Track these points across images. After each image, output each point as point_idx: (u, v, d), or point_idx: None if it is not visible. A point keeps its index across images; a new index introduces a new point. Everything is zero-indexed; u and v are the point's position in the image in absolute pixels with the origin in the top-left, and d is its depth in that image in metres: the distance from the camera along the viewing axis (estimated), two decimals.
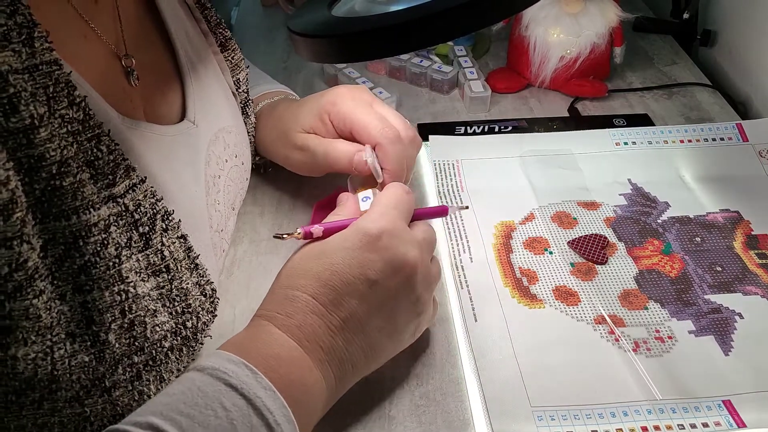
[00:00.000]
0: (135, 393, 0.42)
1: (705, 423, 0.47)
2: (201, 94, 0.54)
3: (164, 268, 0.43)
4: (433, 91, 0.84)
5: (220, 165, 0.54)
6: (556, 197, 0.66)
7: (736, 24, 0.84)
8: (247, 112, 0.64)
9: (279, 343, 0.41)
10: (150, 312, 0.42)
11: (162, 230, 0.43)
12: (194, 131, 0.51)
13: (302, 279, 0.43)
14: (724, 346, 0.52)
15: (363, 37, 0.42)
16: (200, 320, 0.47)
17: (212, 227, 0.52)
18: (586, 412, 0.48)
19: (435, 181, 0.69)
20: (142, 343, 0.42)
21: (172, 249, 0.44)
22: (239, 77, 0.62)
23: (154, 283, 0.43)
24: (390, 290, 0.44)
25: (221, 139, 0.55)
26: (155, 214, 0.43)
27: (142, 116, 0.48)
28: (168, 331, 0.44)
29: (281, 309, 0.42)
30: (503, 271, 0.59)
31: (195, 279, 0.47)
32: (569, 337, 0.53)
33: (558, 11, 0.75)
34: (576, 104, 0.80)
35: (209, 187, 0.52)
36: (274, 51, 0.95)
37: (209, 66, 0.58)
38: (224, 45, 0.60)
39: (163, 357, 0.44)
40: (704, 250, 0.60)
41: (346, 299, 0.43)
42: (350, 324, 0.43)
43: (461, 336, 0.54)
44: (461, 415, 0.49)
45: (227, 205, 0.56)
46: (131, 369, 0.42)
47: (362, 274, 0.43)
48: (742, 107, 0.82)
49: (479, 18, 0.41)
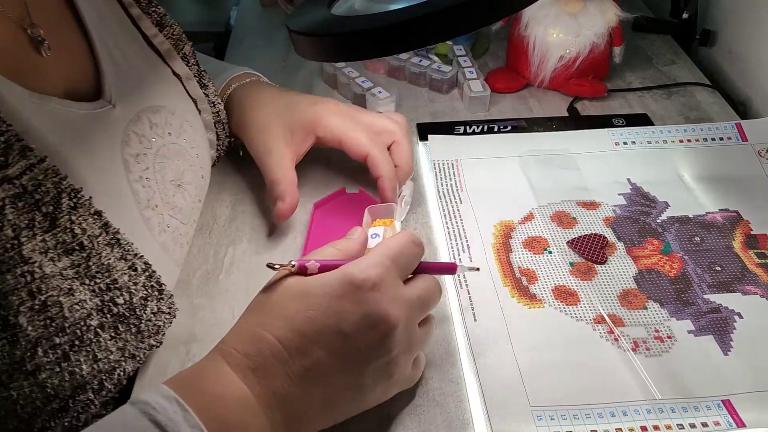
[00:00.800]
0: (65, 374, 0.42)
1: (704, 423, 0.47)
2: (120, 75, 0.53)
3: (77, 246, 0.43)
4: (433, 90, 0.84)
5: (145, 144, 0.53)
6: (556, 197, 0.66)
7: (736, 24, 0.84)
8: (204, 83, 0.64)
9: (224, 384, 0.40)
10: (64, 291, 0.41)
11: (70, 208, 0.43)
12: (110, 110, 0.50)
13: (273, 318, 0.42)
14: (723, 346, 0.52)
15: (362, 36, 0.42)
16: (134, 296, 0.46)
17: (140, 203, 0.51)
18: (585, 411, 0.48)
19: (434, 181, 0.69)
20: (62, 323, 0.41)
21: (85, 226, 0.43)
22: (185, 52, 0.62)
23: (68, 262, 0.42)
24: (361, 347, 0.41)
25: (145, 119, 0.54)
26: (60, 193, 0.42)
27: (58, 92, 0.47)
28: (93, 309, 0.43)
29: (241, 347, 0.41)
30: (503, 270, 0.59)
31: (118, 254, 0.45)
32: (568, 336, 0.53)
33: (557, 11, 0.75)
34: (575, 104, 0.80)
35: (129, 165, 0.51)
36: (274, 50, 0.95)
37: (132, 46, 0.57)
38: (160, 23, 0.60)
39: (93, 336, 0.43)
40: (703, 250, 0.60)
41: (313, 348, 0.41)
42: (312, 374, 0.41)
43: (461, 336, 0.54)
44: (461, 415, 0.49)
45: (164, 181, 0.54)
46: (55, 350, 0.41)
47: (336, 325, 0.41)
48: (741, 107, 0.82)
49: (478, 17, 0.41)
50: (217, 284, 0.59)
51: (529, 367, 0.51)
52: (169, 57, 0.61)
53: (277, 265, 0.43)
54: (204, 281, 0.59)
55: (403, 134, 0.65)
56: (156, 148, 0.54)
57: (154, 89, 0.57)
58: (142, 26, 0.59)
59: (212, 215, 0.66)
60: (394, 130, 0.64)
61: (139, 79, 0.56)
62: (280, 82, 0.73)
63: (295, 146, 0.64)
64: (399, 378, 0.45)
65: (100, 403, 0.45)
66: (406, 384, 0.48)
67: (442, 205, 0.66)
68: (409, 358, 0.45)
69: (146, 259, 0.48)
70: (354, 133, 0.63)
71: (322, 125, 0.64)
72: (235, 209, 0.67)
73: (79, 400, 0.43)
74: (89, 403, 0.44)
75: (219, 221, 0.66)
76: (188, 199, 0.58)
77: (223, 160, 0.73)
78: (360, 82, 0.80)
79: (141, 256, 0.47)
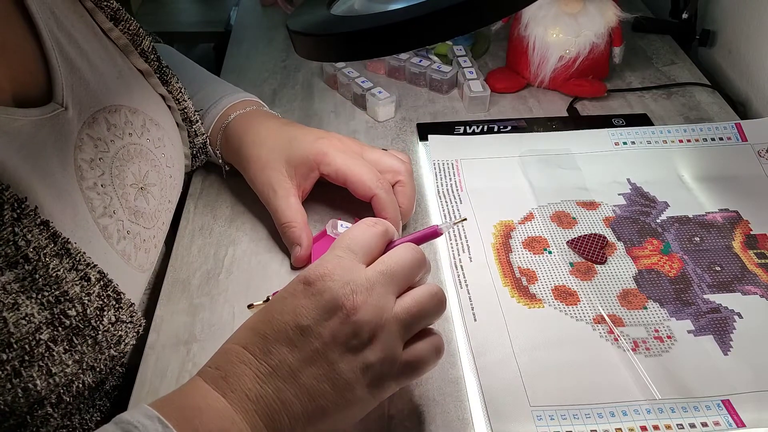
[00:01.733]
0: (17, 390, 0.41)
1: (704, 422, 0.47)
2: (75, 75, 0.51)
3: (22, 258, 0.42)
4: (433, 90, 0.84)
5: (101, 147, 0.52)
6: (556, 197, 0.66)
7: (736, 24, 0.84)
8: (166, 81, 0.62)
9: (201, 395, 0.40)
10: (8, 306, 0.40)
11: (13, 219, 0.41)
12: (62, 115, 0.49)
13: (239, 332, 0.43)
14: (723, 346, 0.52)
15: (362, 36, 0.42)
16: (88, 307, 0.45)
17: (94, 211, 0.49)
18: (585, 411, 0.48)
19: (434, 181, 0.69)
20: (7, 338, 0.40)
21: (30, 237, 0.42)
22: (143, 47, 0.60)
23: (12, 276, 0.41)
24: (325, 336, 0.41)
25: (102, 121, 0.52)
26: (2, 204, 0.41)
27: (4, 97, 0.45)
28: (42, 323, 0.42)
29: (212, 362, 0.42)
30: (502, 270, 0.59)
31: (68, 264, 0.44)
32: (568, 336, 0.53)
33: (557, 11, 0.75)
34: (575, 104, 0.80)
35: (82, 171, 0.49)
36: (274, 50, 0.95)
37: (88, 45, 0.55)
38: (115, 17, 0.58)
39: (44, 350, 0.42)
40: (703, 250, 0.60)
41: (275, 346, 0.41)
42: (281, 371, 0.41)
43: (460, 336, 0.54)
44: (461, 415, 0.49)
45: (123, 186, 0.53)
46: (3, 367, 0.40)
47: (293, 320, 0.41)
48: (741, 107, 0.82)
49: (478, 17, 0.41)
50: (217, 284, 0.59)
51: (529, 367, 0.51)
52: (127, 52, 0.59)
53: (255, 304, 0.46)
54: (204, 281, 0.59)
55: (408, 174, 0.63)
56: (114, 151, 0.53)
57: (112, 87, 0.55)
58: (97, 20, 0.57)
59: (212, 215, 0.66)
60: (399, 170, 0.62)
61: (97, 77, 0.54)
62: (280, 82, 0.73)
63: (299, 182, 0.62)
64: (384, 365, 0.41)
65: (60, 415, 0.44)
66: (405, 374, 0.43)
67: (442, 205, 0.66)
68: (389, 340, 0.42)
69: (100, 269, 0.46)
70: (360, 174, 0.60)
71: (326, 162, 0.61)
72: (235, 209, 0.67)
73: (37, 415, 0.43)
74: (48, 417, 0.43)
75: (219, 221, 0.66)
76: (152, 202, 0.56)
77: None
78: (360, 82, 0.80)
79: (94, 265, 0.46)
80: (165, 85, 0.62)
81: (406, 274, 0.44)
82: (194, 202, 0.68)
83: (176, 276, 0.60)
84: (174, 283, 0.59)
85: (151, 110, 0.59)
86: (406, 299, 0.43)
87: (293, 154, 0.62)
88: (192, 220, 0.66)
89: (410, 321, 0.43)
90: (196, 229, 0.65)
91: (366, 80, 0.81)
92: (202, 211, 0.67)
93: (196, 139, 0.67)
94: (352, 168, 0.61)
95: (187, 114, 0.65)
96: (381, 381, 0.42)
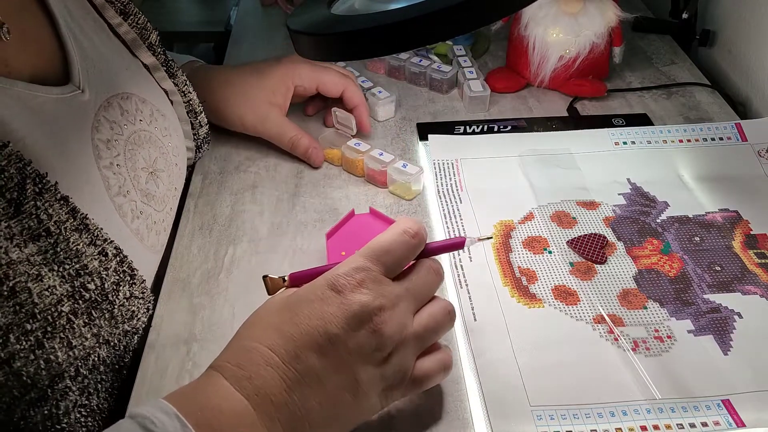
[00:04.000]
0: (40, 362, 0.41)
1: (704, 422, 0.47)
2: (88, 62, 0.53)
3: (44, 232, 0.43)
4: (433, 90, 0.84)
5: (116, 130, 0.53)
6: (556, 197, 0.66)
7: (736, 24, 0.84)
8: (172, 73, 0.64)
9: (222, 395, 0.39)
10: (32, 277, 0.41)
11: (35, 194, 0.42)
12: (79, 96, 0.50)
13: (261, 330, 0.42)
14: (723, 346, 0.52)
15: (362, 36, 0.42)
16: (106, 281, 0.46)
17: (110, 189, 0.51)
18: (585, 411, 0.48)
19: (434, 181, 0.69)
20: (32, 309, 0.41)
21: (51, 212, 0.43)
22: (151, 41, 0.62)
23: (35, 248, 0.42)
24: (350, 346, 0.41)
25: (116, 105, 0.54)
26: (24, 179, 0.42)
27: (23, 77, 0.47)
28: (63, 295, 0.43)
29: (233, 360, 0.41)
30: (502, 270, 0.59)
31: (87, 239, 0.45)
32: (568, 336, 0.53)
33: (557, 11, 0.75)
34: (575, 104, 0.80)
35: (100, 150, 0.51)
36: (274, 50, 0.95)
37: (99, 35, 0.57)
38: (124, 11, 0.60)
39: (65, 322, 0.43)
40: (703, 250, 0.60)
41: (304, 352, 0.40)
42: (308, 378, 0.40)
43: (460, 335, 0.54)
44: (461, 414, 0.49)
45: (135, 168, 0.54)
46: (27, 337, 0.41)
47: (322, 327, 0.41)
48: (741, 107, 0.82)
49: (478, 17, 0.41)
50: (217, 284, 0.59)
51: (529, 367, 0.51)
52: (135, 46, 0.61)
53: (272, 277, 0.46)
54: (204, 281, 0.59)
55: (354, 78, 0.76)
56: (127, 135, 0.54)
57: (122, 77, 0.57)
58: (106, 15, 0.59)
59: (212, 215, 0.66)
60: (348, 74, 0.75)
61: (107, 67, 0.56)
62: None
63: (281, 103, 0.71)
64: (397, 377, 0.43)
65: (78, 390, 0.45)
66: (413, 386, 0.45)
67: (442, 205, 0.66)
68: (406, 354, 0.43)
69: (117, 245, 0.48)
70: (328, 75, 0.72)
71: (297, 74, 0.71)
72: (235, 209, 0.67)
73: (57, 388, 0.43)
74: (67, 391, 0.44)
75: (219, 221, 0.66)
76: (162, 186, 0.58)
77: (223, 160, 0.73)
78: (360, 82, 0.80)
79: (111, 241, 0.47)
80: (171, 78, 0.64)
81: (427, 294, 0.46)
82: (194, 202, 0.68)
83: (176, 275, 0.60)
84: (174, 283, 0.59)
85: (157, 102, 0.61)
86: (423, 315, 0.45)
87: (265, 80, 0.71)
88: (192, 219, 0.66)
89: (426, 336, 0.45)
90: (196, 228, 0.65)
91: (366, 80, 0.81)
92: (202, 210, 0.67)
93: (200, 130, 0.69)
94: (320, 73, 0.73)
95: (192, 106, 0.66)
96: (391, 391, 0.44)
